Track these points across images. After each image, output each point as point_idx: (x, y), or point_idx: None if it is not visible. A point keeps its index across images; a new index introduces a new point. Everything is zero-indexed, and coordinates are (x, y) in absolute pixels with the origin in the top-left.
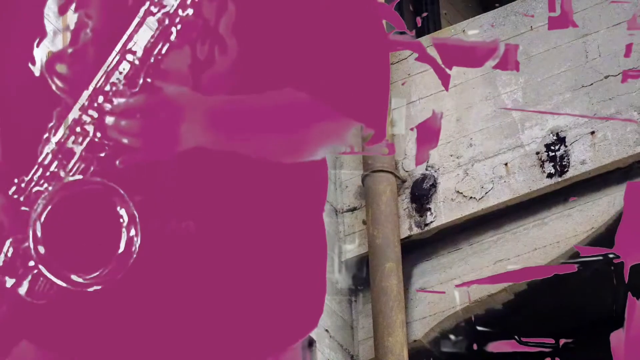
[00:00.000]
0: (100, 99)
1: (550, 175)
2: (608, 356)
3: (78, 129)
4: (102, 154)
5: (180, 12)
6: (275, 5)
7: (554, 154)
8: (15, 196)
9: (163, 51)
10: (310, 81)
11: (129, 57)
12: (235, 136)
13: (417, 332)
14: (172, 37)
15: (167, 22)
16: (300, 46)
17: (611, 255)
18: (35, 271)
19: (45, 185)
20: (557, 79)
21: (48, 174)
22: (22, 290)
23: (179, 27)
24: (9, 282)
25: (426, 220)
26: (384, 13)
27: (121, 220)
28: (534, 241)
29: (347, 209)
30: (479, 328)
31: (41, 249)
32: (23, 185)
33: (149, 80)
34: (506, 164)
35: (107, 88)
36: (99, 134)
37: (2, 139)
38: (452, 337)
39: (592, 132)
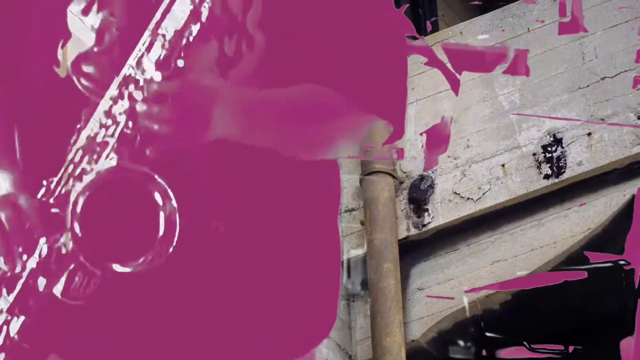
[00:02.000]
0: (131, 87)
1: (547, 177)
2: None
3: (109, 121)
4: (135, 145)
5: None
6: (300, 7)
7: (550, 155)
8: (44, 199)
9: (194, 33)
10: (333, 78)
11: (160, 40)
12: (262, 127)
13: (415, 332)
14: (203, 17)
15: (197, 1)
16: (322, 46)
17: (622, 262)
18: (72, 267)
19: (76, 183)
20: (554, 81)
21: (78, 171)
22: (58, 289)
23: (209, 3)
24: (43, 281)
25: (424, 221)
26: (393, 17)
27: (158, 203)
28: (531, 242)
29: (345, 210)
30: (487, 334)
31: (81, 241)
32: (52, 186)
33: (180, 63)
34: (503, 165)
35: (138, 75)
36: (130, 124)
37: (30, 141)
38: (460, 342)
39: (589, 134)
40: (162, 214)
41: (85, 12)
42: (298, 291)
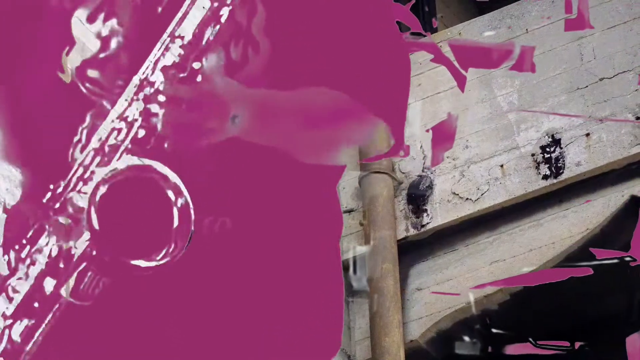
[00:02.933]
0: (147, 89)
1: (545, 177)
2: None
3: (122, 124)
4: (148, 147)
5: None
6: (304, 11)
7: (549, 155)
8: (51, 202)
9: (213, 35)
10: (337, 80)
11: (178, 42)
12: (275, 126)
13: (413, 332)
14: (223, 19)
15: (217, 4)
16: (326, 49)
17: (627, 259)
18: (83, 266)
19: (85, 187)
20: (552, 81)
21: (88, 174)
22: (66, 290)
23: (230, 7)
24: (51, 282)
25: (422, 221)
26: (400, 14)
27: (170, 199)
28: (529, 242)
29: (344, 210)
30: (494, 331)
31: (98, 239)
32: (60, 189)
33: (196, 66)
34: (502, 166)
35: (154, 78)
36: (145, 126)
37: (35, 146)
38: (464, 338)
39: (587, 134)
40: (175, 208)
41: (91, 20)
42: (304, 322)
